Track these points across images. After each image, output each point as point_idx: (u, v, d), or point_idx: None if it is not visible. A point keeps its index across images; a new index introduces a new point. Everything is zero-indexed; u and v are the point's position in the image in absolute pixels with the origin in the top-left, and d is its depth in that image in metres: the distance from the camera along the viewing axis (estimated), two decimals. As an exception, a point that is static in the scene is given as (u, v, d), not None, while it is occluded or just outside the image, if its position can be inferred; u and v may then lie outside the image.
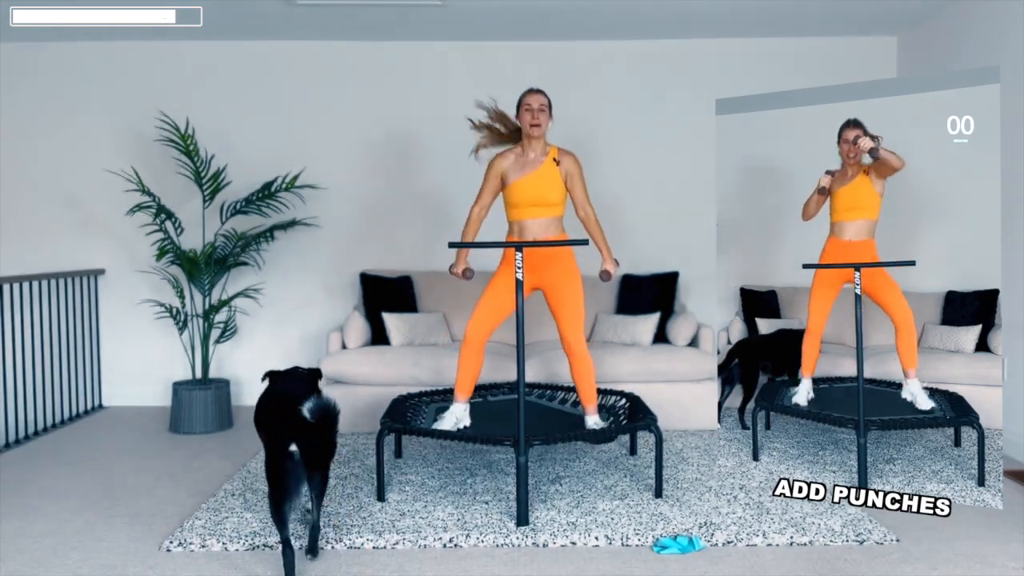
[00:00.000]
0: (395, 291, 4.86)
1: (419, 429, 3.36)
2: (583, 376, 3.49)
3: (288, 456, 2.58)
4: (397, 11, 4.59)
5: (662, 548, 2.80)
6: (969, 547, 2.83)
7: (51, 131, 5.20)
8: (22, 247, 5.18)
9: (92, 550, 2.84)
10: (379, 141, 5.26)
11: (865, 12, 4.67)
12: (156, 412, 5.04)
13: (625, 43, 5.23)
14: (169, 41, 5.15)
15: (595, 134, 5.11)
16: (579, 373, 3.50)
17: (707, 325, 4.71)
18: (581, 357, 3.47)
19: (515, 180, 3.41)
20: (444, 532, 2.93)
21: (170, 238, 4.65)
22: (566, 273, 3.44)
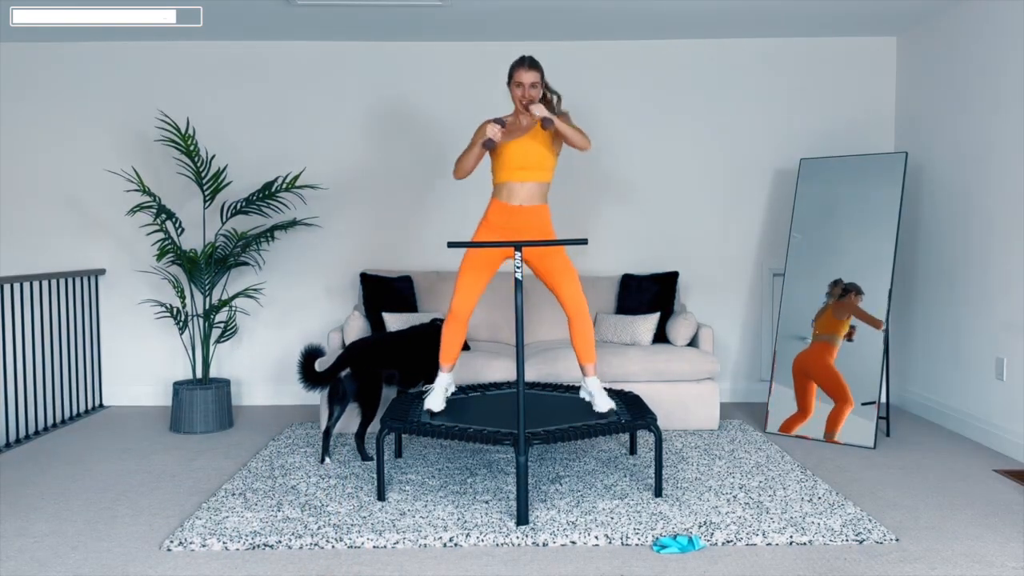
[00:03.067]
0: (395, 291, 4.87)
1: (419, 428, 3.36)
2: (584, 333, 3.47)
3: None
4: (397, 11, 4.59)
5: (662, 547, 2.80)
6: (969, 547, 2.84)
7: (51, 131, 5.20)
8: (22, 247, 5.18)
9: (92, 550, 2.84)
10: (379, 141, 5.26)
11: (865, 12, 4.67)
12: (156, 412, 5.05)
13: (625, 43, 5.24)
14: (169, 41, 5.15)
15: (595, 134, 5.09)
16: (579, 331, 3.47)
17: (707, 325, 4.71)
18: (583, 315, 3.46)
19: (505, 143, 3.42)
20: (444, 531, 2.93)
21: (171, 238, 4.65)
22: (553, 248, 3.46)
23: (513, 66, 3.43)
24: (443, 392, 3.51)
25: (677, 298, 5.01)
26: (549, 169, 3.47)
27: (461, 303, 3.46)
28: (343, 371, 3.75)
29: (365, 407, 3.77)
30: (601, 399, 3.44)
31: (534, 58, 3.43)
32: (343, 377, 3.75)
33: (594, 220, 5.26)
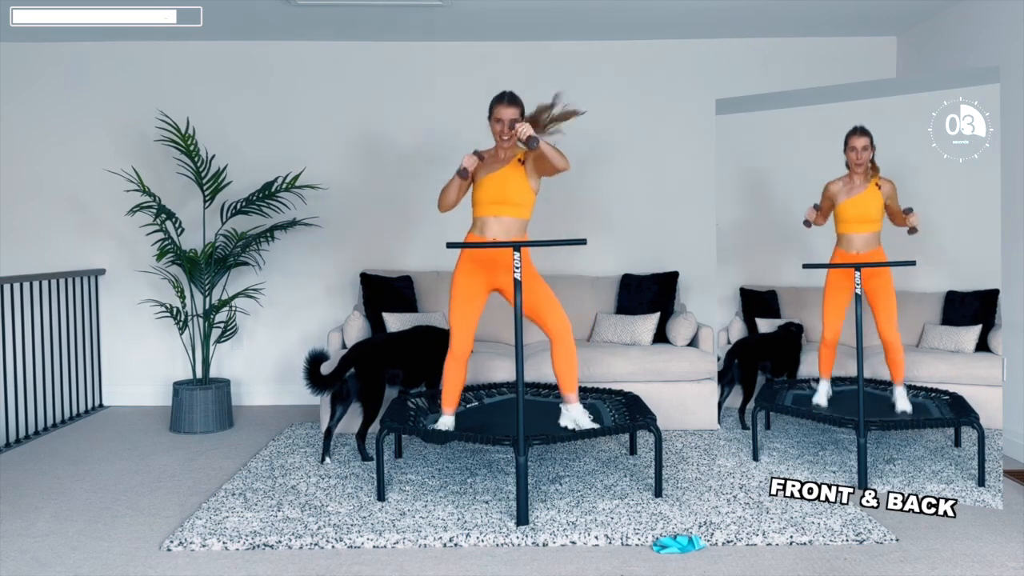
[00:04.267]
0: (395, 291, 4.87)
1: (419, 430, 3.36)
2: (567, 358, 3.39)
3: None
4: (397, 11, 4.59)
5: (662, 548, 2.80)
6: (969, 547, 2.84)
7: (51, 131, 5.21)
8: (22, 247, 5.19)
9: (92, 550, 2.84)
10: (379, 141, 5.26)
11: (865, 12, 4.67)
12: (156, 412, 5.05)
13: (625, 43, 5.24)
14: (169, 41, 5.15)
15: (595, 134, 5.11)
16: (562, 355, 3.39)
17: (707, 325, 4.71)
18: (568, 342, 3.39)
19: (482, 177, 3.39)
20: (444, 531, 2.93)
21: (171, 238, 4.65)
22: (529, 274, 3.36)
23: (493, 102, 3.39)
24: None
25: (677, 298, 5.01)
26: (527, 206, 3.39)
27: (461, 343, 3.40)
28: (348, 371, 3.76)
29: (367, 407, 3.77)
30: (585, 423, 3.34)
31: (514, 94, 3.39)
32: (347, 376, 3.76)
33: (594, 220, 5.25)
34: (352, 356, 3.81)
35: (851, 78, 5.17)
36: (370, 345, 3.95)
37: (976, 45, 4.31)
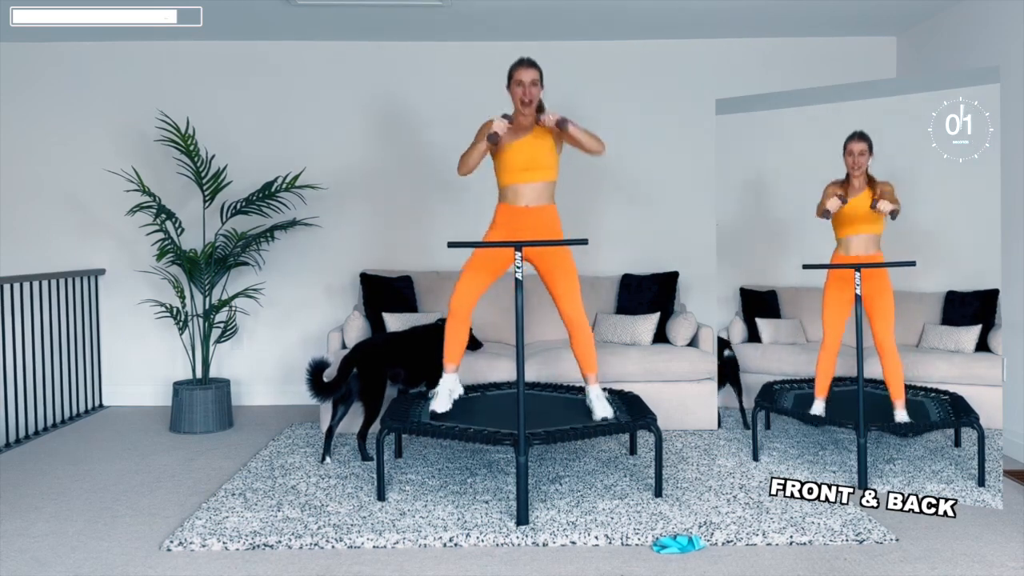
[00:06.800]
0: (395, 291, 4.87)
1: (419, 428, 3.36)
2: (584, 345, 3.50)
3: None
4: (397, 11, 4.59)
5: (662, 548, 2.80)
6: (969, 547, 2.84)
7: (51, 131, 5.21)
8: (22, 247, 5.19)
9: (92, 550, 2.84)
10: (379, 141, 5.26)
11: (865, 12, 4.67)
12: (156, 412, 5.05)
13: (625, 43, 5.24)
14: (169, 41, 5.15)
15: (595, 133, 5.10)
16: (580, 343, 3.50)
17: (707, 325, 4.71)
18: (582, 328, 3.49)
19: (508, 143, 3.41)
20: (444, 531, 2.93)
21: (170, 238, 4.65)
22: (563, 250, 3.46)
23: (513, 66, 3.44)
24: (448, 395, 3.49)
25: (677, 298, 5.01)
26: (553, 167, 3.46)
27: (458, 300, 3.45)
28: (352, 372, 3.75)
29: (369, 406, 3.77)
30: (599, 407, 3.43)
31: (532, 58, 3.44)
32: (349, 376, 3.76)
33: (594, 220, 5.25)
34: (353, 356, 3.81)
35: (851, 78, 5.17)
36: (371, 345, 3.95)
37: (976, 45, 4.31)
